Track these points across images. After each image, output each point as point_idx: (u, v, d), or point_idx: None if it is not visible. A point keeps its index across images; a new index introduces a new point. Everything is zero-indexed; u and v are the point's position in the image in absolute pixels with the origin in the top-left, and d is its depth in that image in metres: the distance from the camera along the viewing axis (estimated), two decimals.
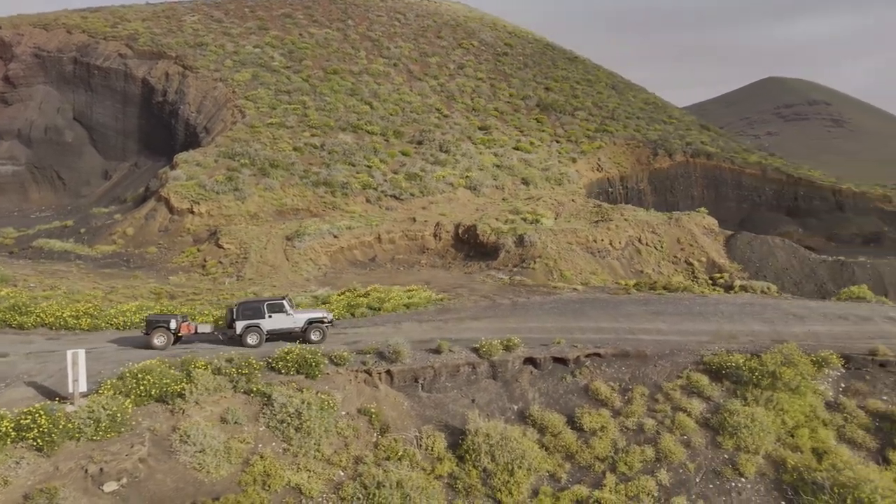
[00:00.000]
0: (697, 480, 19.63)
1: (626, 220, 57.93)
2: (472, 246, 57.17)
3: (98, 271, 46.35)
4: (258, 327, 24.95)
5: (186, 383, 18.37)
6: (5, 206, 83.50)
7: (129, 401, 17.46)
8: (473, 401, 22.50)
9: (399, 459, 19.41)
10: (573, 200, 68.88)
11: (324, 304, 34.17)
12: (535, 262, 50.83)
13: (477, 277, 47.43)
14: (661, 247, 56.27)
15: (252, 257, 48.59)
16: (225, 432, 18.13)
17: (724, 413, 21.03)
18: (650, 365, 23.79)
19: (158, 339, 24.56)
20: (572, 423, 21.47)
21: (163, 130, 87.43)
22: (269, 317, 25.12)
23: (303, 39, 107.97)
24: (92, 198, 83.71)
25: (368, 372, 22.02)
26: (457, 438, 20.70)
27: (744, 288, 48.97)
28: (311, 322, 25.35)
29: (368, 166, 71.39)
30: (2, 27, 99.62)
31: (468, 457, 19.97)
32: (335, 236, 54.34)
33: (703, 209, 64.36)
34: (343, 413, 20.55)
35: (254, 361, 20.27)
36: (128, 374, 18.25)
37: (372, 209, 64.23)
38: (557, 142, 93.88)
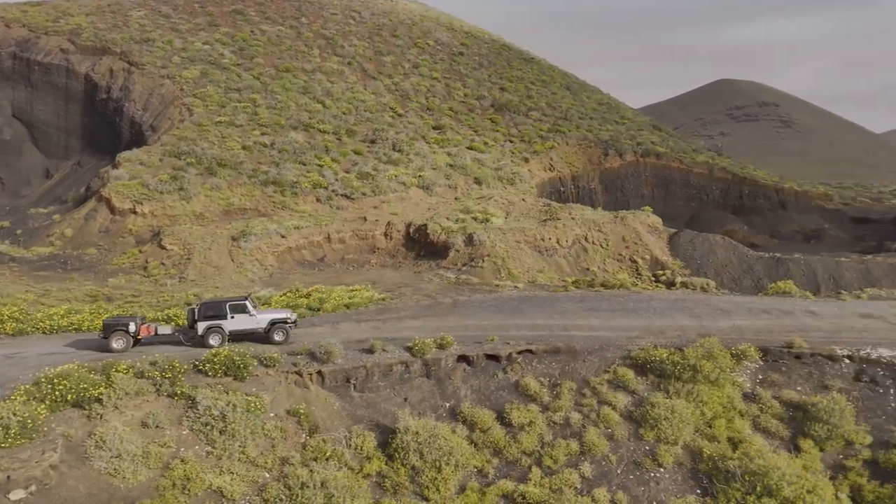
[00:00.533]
0: (619, 472, 20.21)
1: (573, 218, 58.93)
2: (422, 245, 57.34)
3: (32, 274, 44.97)
4: (220, 328, 24.70)
5: (105, 388, 18.05)
6: None
7: (42, 406, 17.07)
8: (406, 399, 22.67)
9: (327, 459, 19.45)
10: (524, 200, 69.67)
11: (265, 305, 33.90)
12: (483, 261, 51.28)
13: (425, 276, 47.63)
14: (607, 245, 57.41)
15: (195, 258, 47.78)
16: (145, 437, 17.89)
17: (647, 406, 21.69)
18: (580, 360, 24.34)
19: (117, 343, 24.00)
20: (502, 418, 21.84)
21: (107, 128, 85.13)
22: (232, 317, 24.87)
23: (254, 36, 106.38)
24: (32, 197, 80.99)
25: (299, 373, 21.98)
26: (387, 437, 20.85)
27: (684, 284, 50.43)
28: (273, 322, 25.15)
29: (319, 165, 70.86)
30: None
31: (397, 455, 20.13)
32: (283, 236, 53.82)
33: (647, 208, 65.91)
34: (272, 414, 20.48)
35: (178, 364, 20.03)
36: (43, 380, 17.84)
37: (322, 209, 63.79)
38: (511, 141, 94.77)
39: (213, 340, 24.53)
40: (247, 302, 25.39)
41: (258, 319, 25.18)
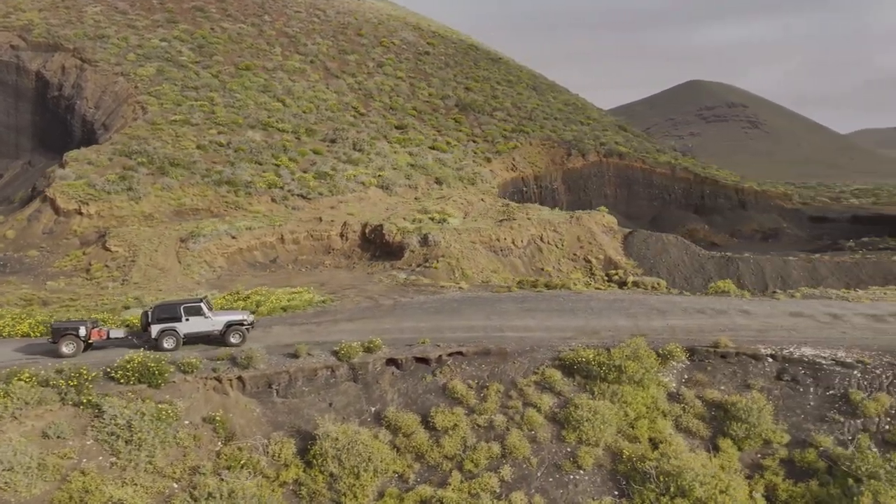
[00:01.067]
0: (539, 475, 20.13)
1: (529, 219, 59.04)
2: (378, 246, 56.90)
3: None
4: (175, 331, 24.35)
5: (2, 397, 17.39)
6: None
7: None
8: (331, 404, 22.33)
9: (242, 467, 19.03)
10: (482, 200, 69.68)
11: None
12: (437, 262, 51.03)
13: (376, 277, 47.23)
14: (562, 245, 57.65)
15: (140, 260, 46.76)
16: (44, 448, 17.28)
17: (570, 407, 21.66)
18: (510, 362, 24.24)
19: (67, 347, 23.42)
20: (427, 422, 21.62)
21: (59, 127, 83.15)
22: (187, 320, 24.54)
23: (214, 34, 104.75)
24: None
25: (218, 379, 21.51)
26: (308, 444, 20.49)
27: (636, 283, 50.83)
28: (229, 325, 24.83)
29: (276, 165, 69.98)
30: None
31: (315, 462, 19.79)
32: (233, 237, 52.98)
33: (603, 208, 66.38)
34: (186, 422, 19.98)
35: (86, 372, 19.42)
36: None
37: (277, 209, 62.99)
38: (474, 141, 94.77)
39: (168, 343, 24.20)
40: (202, 304, 25.02)
41: (213, 322, 24.86)
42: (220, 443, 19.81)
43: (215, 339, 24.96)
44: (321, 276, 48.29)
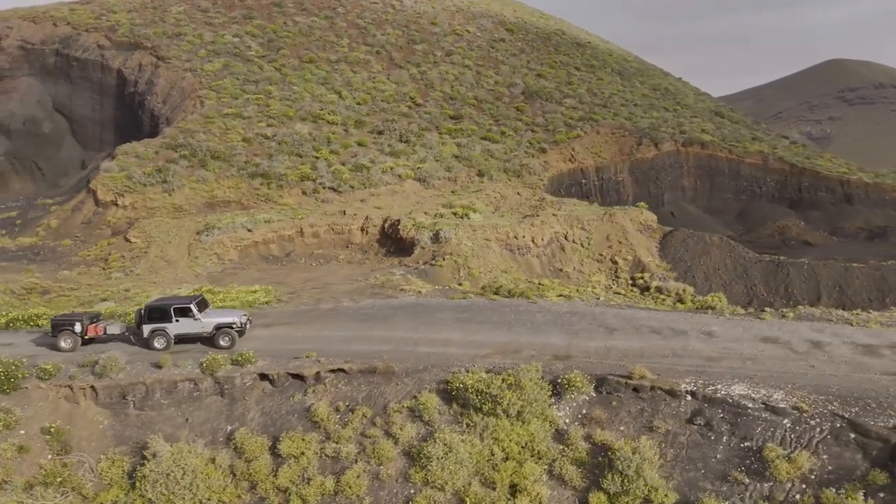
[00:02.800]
0: None
1: (554, 215, 55.25)
2: (393, 241, 55.55)
3: None
4: (165, 331, 24.61)
5: None
6: None
7: None
8: (187, 420, 21.23)
9: (61, 484, 18.32)
10: (518, 193, 66.34)
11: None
12: (444, 259, 48.90)
13: (373, 275, 45.87)
14: (589, 244, 53.44)
15: (152, 252, 48.27)
16: None
17: (428, 442, 19.15)
18: (393, 382, 22.03)
19: (65, 342, 24.46)
20: (275, 447, 19.96)
21: (134, 121, 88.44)
22: (177, 321, 24.72)
23: (285, 28, 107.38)
24: (65, 188, 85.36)
25: (70, 387, 20.96)
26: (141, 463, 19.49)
27: (658, 289, 46.23)
28: (219, 327, 24.74)
29: (316, 157, 70.30)
30: None
31: (139, 484, 18.74)
32: (249, 230, 53.52)
33: (642, 204, 61.08)
34: (22, 432, 19.59)
35: None
36: None
37: (307, 201, 63.21)
38: (533, 131, 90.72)
39: (158, 344, 24.51)
40: (191, 305, 24.84)
41: (203, 323, 24.79)
42: (50, 456, 19.22)
43: (207, 341, 24.83)
44: (319, 272, 47.67)
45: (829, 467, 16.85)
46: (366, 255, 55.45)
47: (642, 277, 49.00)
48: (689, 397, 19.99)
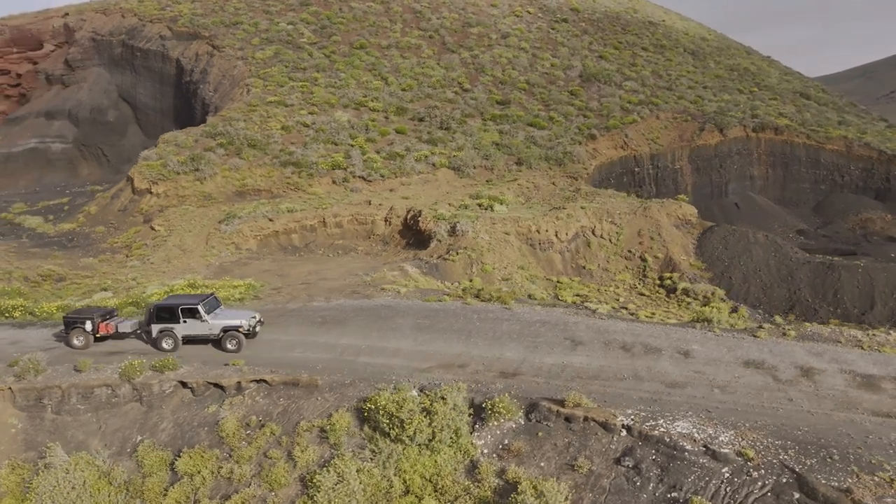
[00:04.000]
0: None
1: (582, 208, 51.93)
2: (414, 233, 54.04)
3: (27, 251, 48.76)
4: (172, 332, 24.34)
5: None
6: (55, 181, 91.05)
7: None
8: (101, 427, 20.58)
9: None
10: (553, 183, 63.07)
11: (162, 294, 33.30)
12: (457, 253, 46.96)
13: (380, 269, 44.54)
14: (618, 240, 49.90)
15: (171, 241, 48.94)
16: None
17: (321, 470, 17.55)
18: (314, 397, 20.54)
19: (77, 340, 24.62)
20: (175, 463, 18.96)
21: (190, 109, 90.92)
22: (184, 321, 24.34)
23: (340, 14, 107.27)
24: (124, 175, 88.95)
25: None
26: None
27: (685, 291, 42.53)
28: (226, 329, 24.24)
29: (351, 145, 69.59)
30: (69, 14, 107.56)
31: (29, 495, 18.20)
32: (270, 219, 53.40)
33: (682, 196, 56.57)
34: None
35: None
36: None
37: (336, 190, 62.62)
38: (585, 116, 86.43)
39: (166, 345, 24.24)
40: (199, 306, 24.22)
41: (210, 325, 24.27)
42: None
43: (214, 343, 24.45)
44: (328, 265, 46.81)
45: None
46: (385, 247, 54.24)
47: (671, 277, 45.18)
48: (623, 432, 17.37)
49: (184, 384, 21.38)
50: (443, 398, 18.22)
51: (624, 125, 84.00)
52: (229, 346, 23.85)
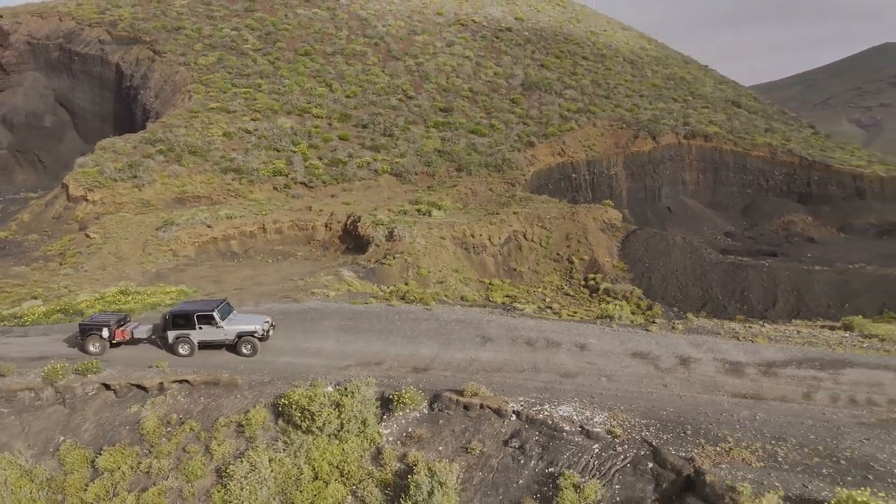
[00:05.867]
0: None
1: (514, 213, 54.18)
2: (353, 238, 55.31)
3: None
4: (188, 338, 24.88)
5: None
6: None
7: None
8: (24, 429, 21.34)
9: None
10: (490, 189, 65.27)
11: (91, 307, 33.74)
12: (393, 258, 48.50)
13: (316, 274, 45.70)
14: (548, 243, 52.29)
15: (105, 248, 48.99)
16: None
17: (236, 461, 18.85)
18: (233, 395, 21.77)
19: (93, 346, 25.03)
20: (95, 461, 19.95)
21: (130, 115, 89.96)
22: (200, 328, 24.89)
23: (285, 20, 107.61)
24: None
25: None
26: None
27: (607, 291, 44.99)
28: (240, 335, 24.84)
29: (293, 152, 70.37)
30: (2, 16, 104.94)
31: None
32: (209, 226, 53.88)
33: (608, 202, 59.58)
34: None
35: None
36: None
37: (277, 196, 63.39)
38: (525, 124, 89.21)
39: (183, 350, 24.82)
40: (214, 313, 24.83)
41: (226, 331, 24.93)
42: None
43: (230, 348, 25.10)
44: (266, 270, 47.70)
45: (618, 498, 15.95)
46: (325, 252, 55.35)
47: (594, 278, 47.74)
48: (514, 417, 19.23)
49: (107, 386, 22.30)
50: (352, 393, 19.73)
51: (562, 132, 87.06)
52: (245, 350, 24.64)
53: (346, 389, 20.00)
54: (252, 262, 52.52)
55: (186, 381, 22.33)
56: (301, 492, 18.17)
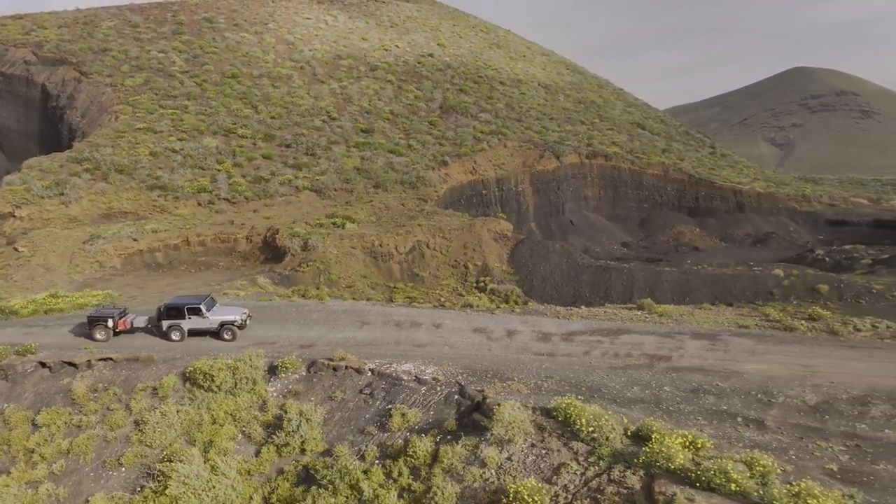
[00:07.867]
0: (87, 470, 22.94)
1: (419, 226, 60.76)
2: (272, 249, 60.55)
3: None
4: (180, 326, 30.28)
5: None
6: None
7: None
8: None
9: None
10: (402, 204, 71.74)
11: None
12: (307, 266, 54.07)
13: (233, 281, 50.79)
14: (448, 251, 59.06)
15: (34, 260, 52.55)
16: None
17: (151, 411, 24.26)
18: (150, 368, 27.09)
19: (99, 334, 30.33)
20: (35, 420, 24.91)
21: (56, 134, 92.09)
22: (189, 318, 30.44)
23: (213, 43, 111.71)
24: None
25: None
26: None
27: (493, 291, 51.85)
28: (223, 324, 30.31)
29: (218, 170, 74.93)
30: None
31: None
32: (134, 239, 58.02)
33: (501, 215, 67.06)
34: None
35: None
36: None
37: (202, 212, 67.83)
38: (441, 145, 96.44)
39: (174, 336, 30.40)
40: (201, 305, 30.40)
41: (211, 321, 30.45)
42: None
43: (214, 334, 30.51)
44: (187, 278, 52.42)
45: (430, 420, 22.31)
46: (246, 262, 60.35)
47: (484, 280, 54.70)
48: (369, 373, 25.41)
49: (43, 364, 27.21)
50: (244, 360, 25.50)
51: (474, 152, 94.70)
52: (226, 336, 30.27)
53: (239, 358, 25.73)
54: (176, 271, 57.03)
55: (111, 359, 27.50)
56: (202, 432, 23.74)
